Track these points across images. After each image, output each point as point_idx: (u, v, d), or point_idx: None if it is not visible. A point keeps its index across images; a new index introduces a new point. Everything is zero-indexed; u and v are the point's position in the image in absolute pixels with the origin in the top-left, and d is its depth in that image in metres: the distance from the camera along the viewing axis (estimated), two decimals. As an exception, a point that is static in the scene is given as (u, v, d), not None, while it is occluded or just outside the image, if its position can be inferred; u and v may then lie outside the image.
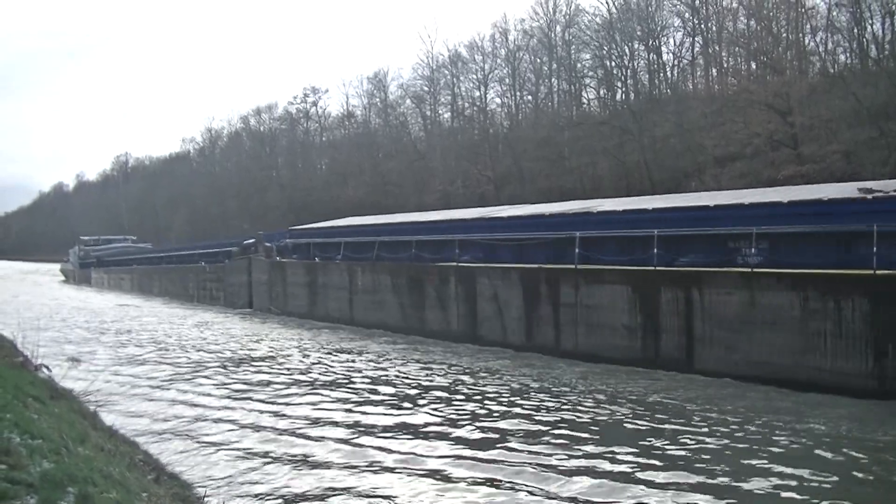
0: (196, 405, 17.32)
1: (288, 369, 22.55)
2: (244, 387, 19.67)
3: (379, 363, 23.18)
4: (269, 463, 12.25)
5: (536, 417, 15.31)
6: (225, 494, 9.98)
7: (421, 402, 17.21)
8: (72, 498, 5.27)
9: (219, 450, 13.12)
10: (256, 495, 10.54)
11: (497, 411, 16.02)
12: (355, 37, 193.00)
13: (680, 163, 43.93)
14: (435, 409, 16.30)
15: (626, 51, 54.23)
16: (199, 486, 9.29)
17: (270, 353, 25.96)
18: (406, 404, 16.97)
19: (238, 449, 13.22)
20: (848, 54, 42.99)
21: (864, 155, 33.42)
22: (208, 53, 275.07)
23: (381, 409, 16.54)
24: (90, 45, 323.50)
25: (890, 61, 38.50)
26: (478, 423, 14.86)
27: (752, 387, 17.38)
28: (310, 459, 12.40)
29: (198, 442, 13.78)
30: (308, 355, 25.38)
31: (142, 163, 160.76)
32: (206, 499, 8.37)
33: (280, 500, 10.44)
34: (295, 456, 12.65)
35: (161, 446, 12.86)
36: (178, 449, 13.06)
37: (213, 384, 20.32)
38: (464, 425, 14.77)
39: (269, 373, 22.03)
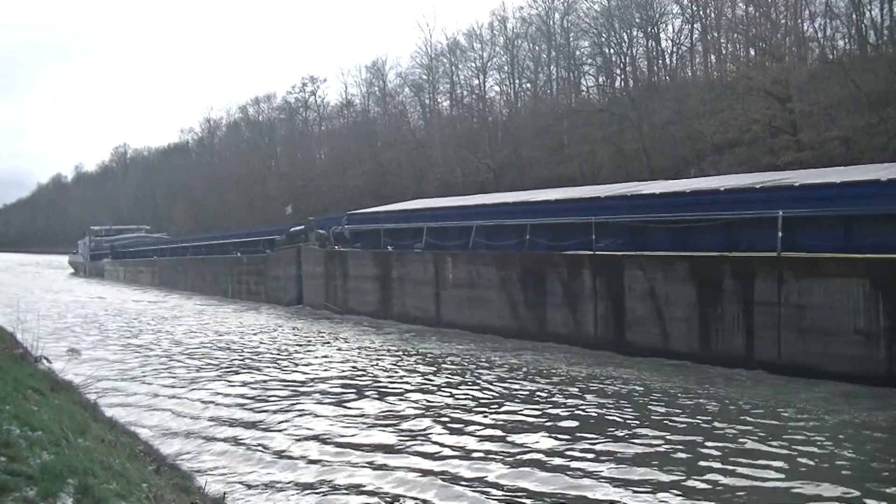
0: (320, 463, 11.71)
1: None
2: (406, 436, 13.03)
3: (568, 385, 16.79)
4: None
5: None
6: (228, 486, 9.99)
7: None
8: (72, 489, 5.29)
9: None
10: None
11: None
12: (353, 25, 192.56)
13: (679, 150, 43.90)
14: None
15: (625, 38, 54.14)
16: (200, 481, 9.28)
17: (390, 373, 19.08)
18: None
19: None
20: (847, 40, 42.93)
21: (863, 141, 33.39)
22: (206, 43, 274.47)
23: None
24: (88, 37, 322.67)
25: (889, 47, 38.40)
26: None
27: None
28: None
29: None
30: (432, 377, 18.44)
31: (140, 154, 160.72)
32: (206, 488, 8.40)
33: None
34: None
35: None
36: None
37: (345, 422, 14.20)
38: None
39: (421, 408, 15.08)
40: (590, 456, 11.32)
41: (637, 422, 13.27)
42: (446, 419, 13.91)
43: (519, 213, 27.33)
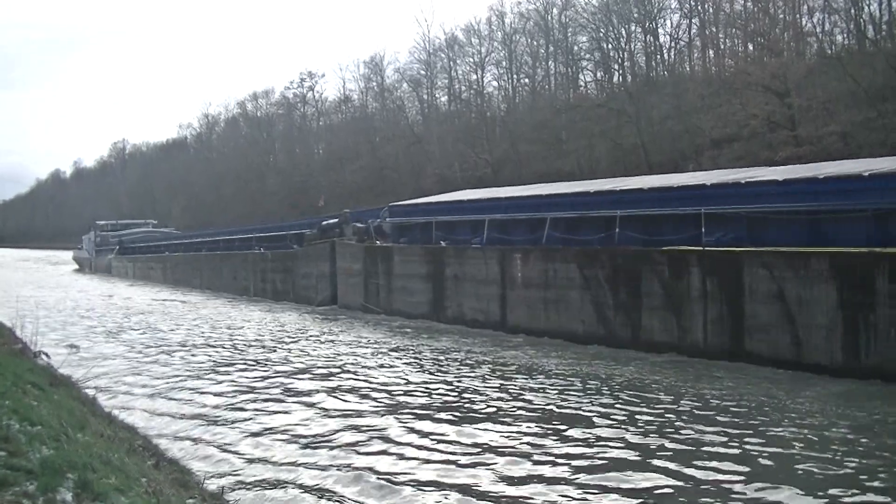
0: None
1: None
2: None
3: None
4: None
5: None
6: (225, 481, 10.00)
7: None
8: (71, 484, 5.30)
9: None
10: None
11: None
12: (351, 20, 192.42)
13: (677, 145, 43.95)
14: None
15: (623, 33, 54.17)
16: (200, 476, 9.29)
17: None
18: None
19: None
20: (845, 35, 42.98)
21: (861, 136, 33.43)
22: (204, 38, 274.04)
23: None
24: (85, 33, 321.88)
25: (887, 42, 38.44)
26: None
27: None
28: None
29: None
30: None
31: (139, 149, 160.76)
32: (204, 483, 8.42)
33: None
34: None
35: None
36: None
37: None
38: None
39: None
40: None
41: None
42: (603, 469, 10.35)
43: (605, 203, 23.89)
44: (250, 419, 13.64)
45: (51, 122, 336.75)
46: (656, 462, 10.46)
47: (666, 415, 13.15)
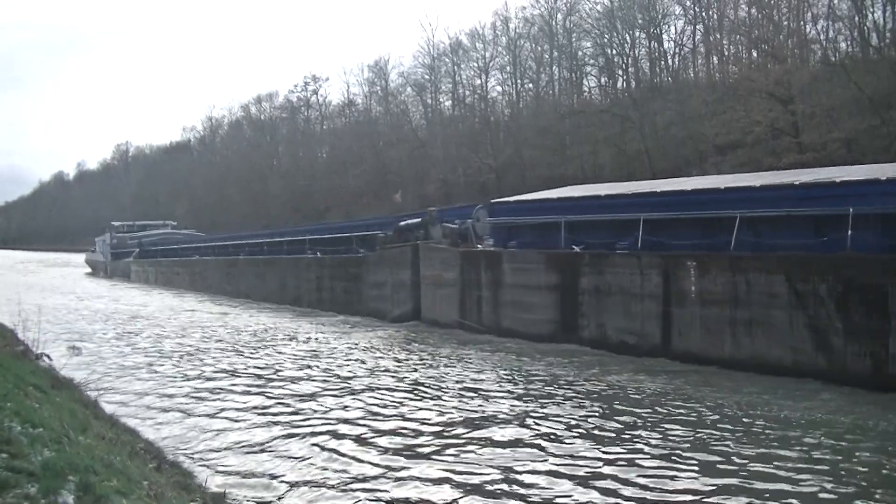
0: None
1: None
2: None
3: None
4: None
5: None
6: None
7: None
8: (72, 486, 5.30)
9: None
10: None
11: None
12: (356, 24, 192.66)
13: (681, 151, 43.96)
14: None
15: (627, 39, 54.27)
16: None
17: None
18: None
19: None
20: (849, 42, 43.01)
21: (865, 143, 33.44)
22: (208, 41, 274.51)
23: None
24: (88, 35, 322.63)
25: (891, 49, 38.45)
26: None
27: None
28: None
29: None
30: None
31: (143, 151, 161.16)
32: (206, 486, 8.41)
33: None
34: None
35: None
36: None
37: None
38: None
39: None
40: None
41: None
42: None
43: (821, 197, 18.77)
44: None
45: (51, 123, 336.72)
46: None
47: None
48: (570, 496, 9.58)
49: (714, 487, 9.56)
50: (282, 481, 10.32)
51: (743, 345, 17.71)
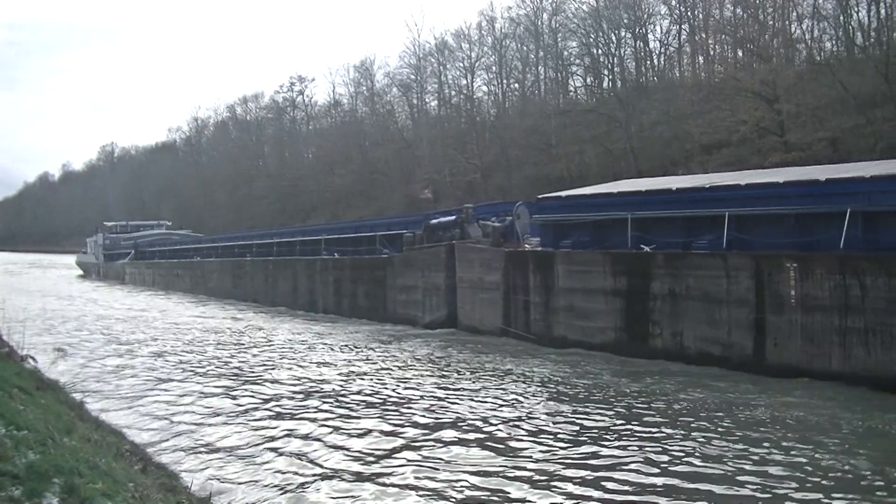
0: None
1: None
2: None
3: None
4: None
5: None
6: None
7: None
8: (57, 489, 5.25)
9: None
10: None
11: None
12: (341, 25, 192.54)
13: (667, 150, 44.05)
14: None
15: (613, 38, 54.30)
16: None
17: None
18: None
19: None
20: (834, 42, 43.26)
21: (850, 142, 33.60)
22: (194, 42, 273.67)
23: None
24: (74, 35, 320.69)
25: (876, 49, 38.63)
26: None
27: None
28: None
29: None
30: None
31: (128, 152, 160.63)
32: (192, 488, 8.36)
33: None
34: None
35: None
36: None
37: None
38: None
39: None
40: None
41: None
42: None
43: None
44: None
45: (36, 123, 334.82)
46: None
47: None
48: None
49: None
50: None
51: (856, 357, 15.74)
